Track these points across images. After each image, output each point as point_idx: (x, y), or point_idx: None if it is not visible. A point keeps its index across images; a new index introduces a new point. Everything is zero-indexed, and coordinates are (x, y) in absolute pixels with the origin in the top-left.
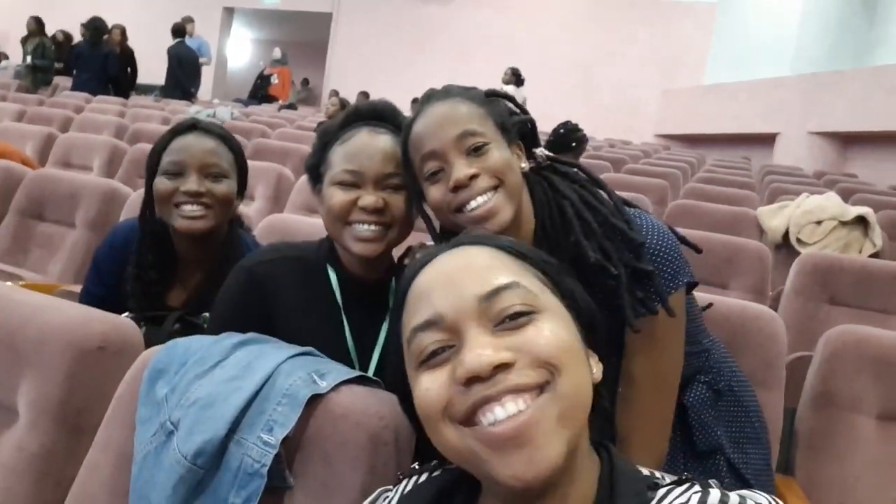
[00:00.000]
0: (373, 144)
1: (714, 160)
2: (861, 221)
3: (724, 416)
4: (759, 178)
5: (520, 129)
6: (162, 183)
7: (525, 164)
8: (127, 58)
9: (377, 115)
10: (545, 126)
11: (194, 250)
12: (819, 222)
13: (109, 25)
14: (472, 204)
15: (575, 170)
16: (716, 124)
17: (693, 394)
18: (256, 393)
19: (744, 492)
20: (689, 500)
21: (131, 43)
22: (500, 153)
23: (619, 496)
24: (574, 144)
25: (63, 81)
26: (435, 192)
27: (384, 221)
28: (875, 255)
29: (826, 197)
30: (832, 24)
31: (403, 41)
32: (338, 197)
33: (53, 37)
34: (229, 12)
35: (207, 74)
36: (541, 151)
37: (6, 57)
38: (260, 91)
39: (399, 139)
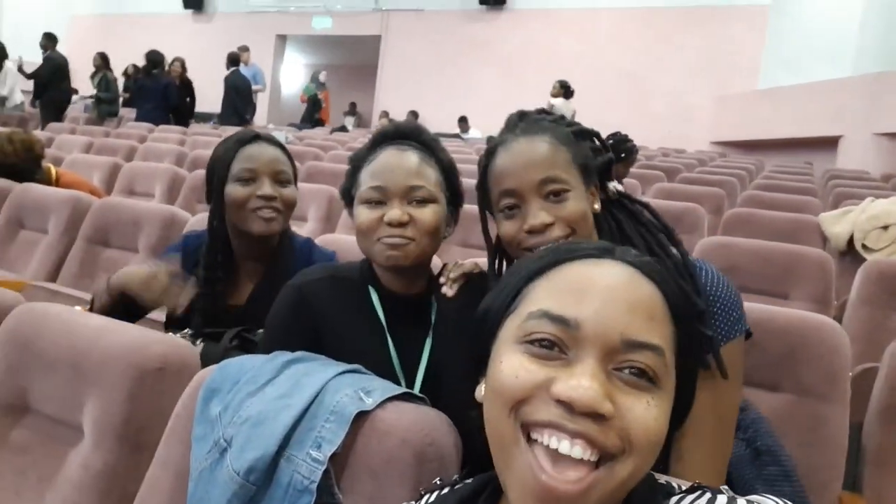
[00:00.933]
0: (397, 161)
1: (773, 166)
2: None
3: (762, 475)
4: (822, 182)
5: (599, 167)
6: (236, 189)
7: (598, 205)
8: (186, 88)
9: (402, 134)
10: None
11: (255, 251)
12: (886, 227)
13: (169, 57)
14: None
15: (646, 212)
16: (773, 129)
17: (733, 450)
18: (305, 410)
19: (754, 497)
20: None
21: (189, 73)
22: (577, 203)
23: None
24: (623, 155)
25: (129, 113)
26: (508, 227)
27: (410, 235)
28: None
29: (892, 201)
30: (893, 23)
31: (452, 58)
32: (364, 214)
33: (125, 70)
34: (282, 39)
35: (262, 100)
36: (613, 187)
37: (76, 92)
38: (314, 115)
39: (425, 154)
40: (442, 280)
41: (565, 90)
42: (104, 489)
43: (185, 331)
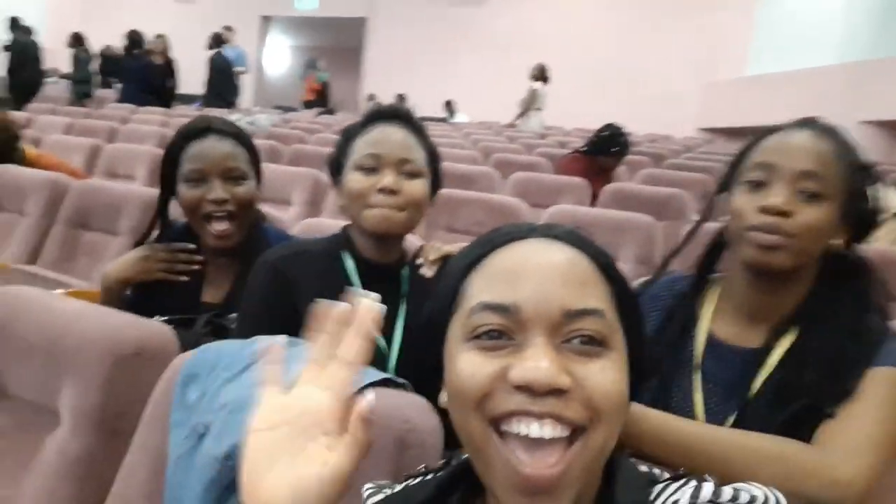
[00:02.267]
0: (392, 134)
1: None
2: None
3: None
4: None
5: (860, 214)
6: (186, 191)
7: (841, 243)
8: (169, 68)
9: (395, 114)
10: (582, 123)
11: (220, 250)
12: None
13: (151, 37)
14: (762, 236)
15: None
16: (760, 116)
17: None
18: None
19: (738, 484)
20: (684, 494)
21: (173, 52)
22: (823, 215)
23: (620, 492)
24: (615, 149)
25: (108, 94)
26: (743, 200)
27: (399, 204)
28: None
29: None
30: (879, 10)
31: (438, 43)
32: (357, 179)
33: (101, 51)
34: (266, 21)
35: (247, 82)
36: (861, 251)
37: (58, 72)
38: (328, 102)
39: (416, 135)
40: (419, 261)
41: (542, 74)
42: (81, 475)
43: (157, 317)
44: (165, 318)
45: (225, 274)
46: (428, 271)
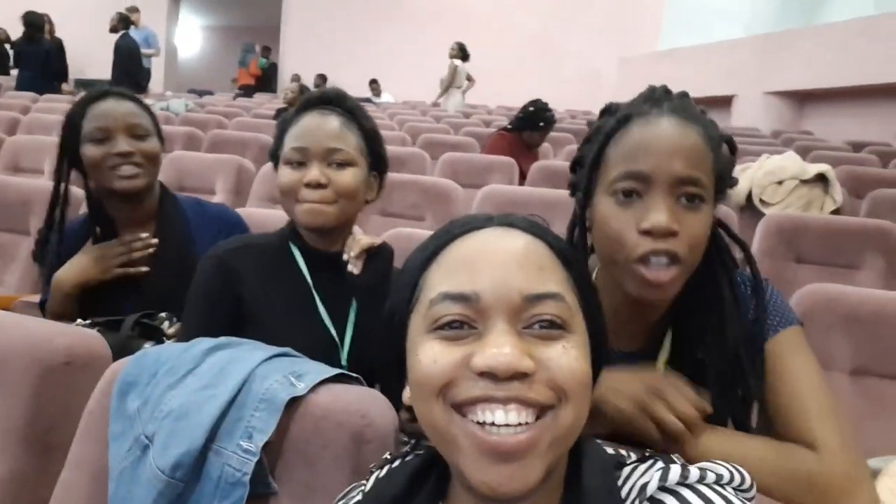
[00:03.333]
0: (318, 125)
1: None
2: (821, 179)
3: None
4: None
5: (724, 189)
6: (91, 150)
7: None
8: (58, 49)
9: (326, 100)
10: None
11: (132, 214)
12: (780, 182)
13: (45, 17)
14: (652, 272)
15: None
16: (673, 89)
17: None
18: (232, 400)
19: (704, 463)
20: (652, 476)
21: (76, 35)
22: (706, 220)
23: (587, 476)
24: (542, 124)
25: (7, 82)
26: (617, 217)
27: (328, 197)
28: (836, 212)
29: (785, 157)
30: None
31: (359, 19)
32: (286, 175)
33: None
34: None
35: (157, 66)
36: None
37: None
38: (272, 85)
39: (347, 120)
40: (345, 257)
41: (462, 52)
42: (12, 496)
43: (79, 321)
44: (88, 321)
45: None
46: (355, 269)
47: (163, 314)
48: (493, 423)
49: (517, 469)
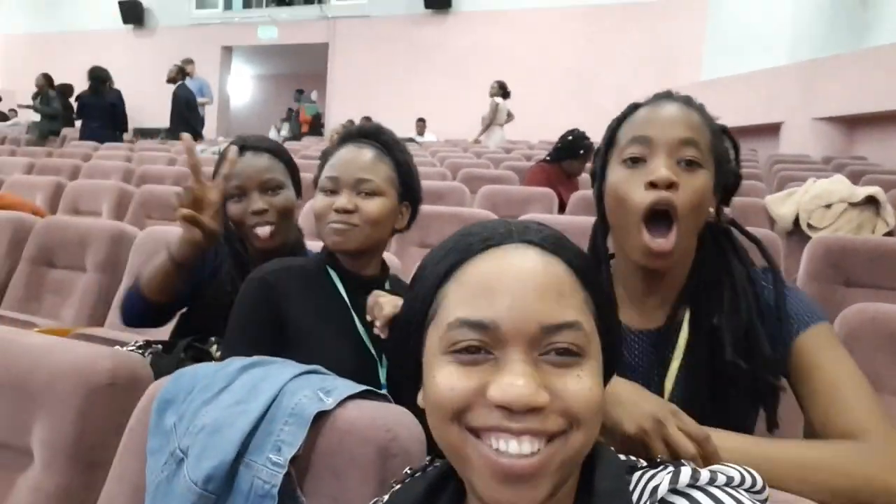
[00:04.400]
0: (351, 156)
1: None
2: (871, 202)
3: None
4: (766, 167)
5: (726, 180)
6: (231, 208)
7: (712, 212)
8: (119, 101)
9: (363, 133)
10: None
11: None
12: (829, 206)
13: (109, 72)
14: (654, 240)
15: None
16: (718, 118)
17: None
18: (263, 415)
19: (715, 466)
20: (663, 479)
21: (134, 86)
22: (704, 183)
23: (599, 480)
24: (582, 152)
25: (71, 133)
26: (625, 178)
27: (354, 222)
28: (889, 234)
29: (833, 180)
30: (826, 9)
31: (400, 63)
32: (319, 201)
33: (62, 89)
34: (228, 51)
35: (211, 113)
36: (727, 212)
37: (16, 114)
38: (319, 131)
39: (380, 153)
40: (368, 317)
41: (503, 90)
42: None
43: (134, 342)
44: (140, 344)
45: None
46: (382, 333)
47: (213, 338)
48: (507, 453)
49: (527, 490)
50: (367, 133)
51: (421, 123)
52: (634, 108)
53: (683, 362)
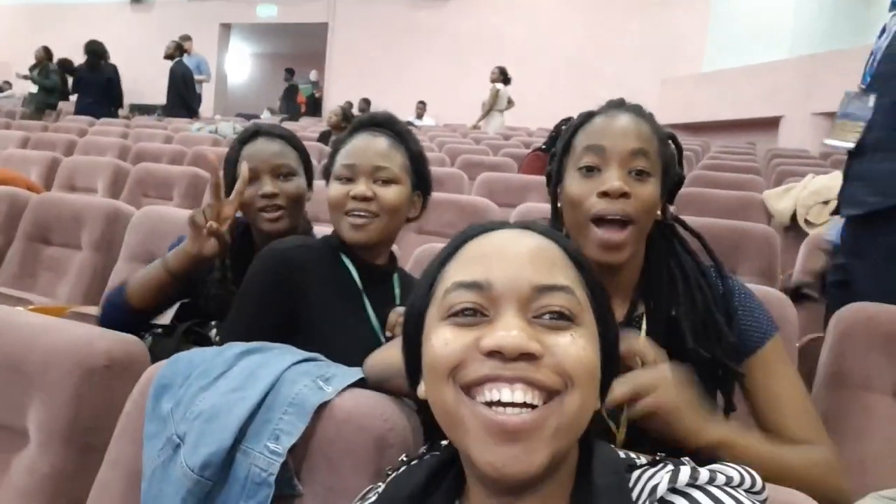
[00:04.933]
0: (367, 144)
1: (718, 147)
2: None
3: None
4: (764, 162)
5: (672, 182)
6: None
7: (659, 214)
8: (116, 75)
9: (377, 122)
10: (546, 123)
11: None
12: (826, 202)
13: (105, 46)
14: (607, 232)
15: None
16: (716, 111)
17: None
18: (261, 402)
19: (715, 465)
20: (662, 478)
21: (131, 62)
22: (654, 192)
23: (597, 475)
24: None
25: (66, 107)
26: (580, 187)
27: (373, 210)
28: None
29: (832, 177)
30: (828, 5)
31: (400, 45)
32: (335, 189)
33: (61, 63)
34: (226, 28)
35: (208, 91)
36: (672, 210)
37: (10, 86)
38: (316, 112)
39: (395, 142)
40: (388, 332)
41: (504, 76)
42: (52, 493)
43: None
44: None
45: None
46: None
47: (213, 322)
48: (499, 402)
49: (522, 450)
50: (381, 122)
51: (421, 106)
52: (589, 116)
53: None
